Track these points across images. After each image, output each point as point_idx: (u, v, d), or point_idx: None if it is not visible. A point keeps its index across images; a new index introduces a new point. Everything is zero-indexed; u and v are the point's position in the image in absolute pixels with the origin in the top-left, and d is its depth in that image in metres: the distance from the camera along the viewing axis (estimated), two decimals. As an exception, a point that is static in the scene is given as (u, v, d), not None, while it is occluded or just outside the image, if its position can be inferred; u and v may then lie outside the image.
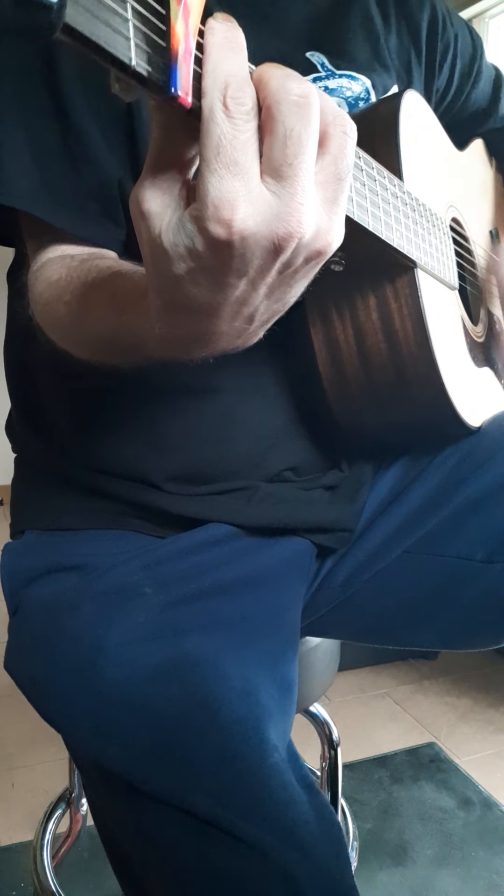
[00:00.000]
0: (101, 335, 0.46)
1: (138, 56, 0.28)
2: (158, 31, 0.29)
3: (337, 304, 0.60)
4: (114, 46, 0.27)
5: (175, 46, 0.29)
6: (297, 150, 0.31)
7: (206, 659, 0.50)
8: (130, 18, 0.28)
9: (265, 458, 0.64)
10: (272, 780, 0.45)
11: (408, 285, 0.58)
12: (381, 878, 1.18)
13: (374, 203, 0.48)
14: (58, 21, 0.24)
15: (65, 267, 0.51)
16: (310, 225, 0.33)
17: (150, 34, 0.29)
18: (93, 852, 1.15)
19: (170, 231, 0.32)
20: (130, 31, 0.28)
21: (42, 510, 0.66)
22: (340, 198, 0.35)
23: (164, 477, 0.62)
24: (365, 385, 0.62)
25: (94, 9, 0.26)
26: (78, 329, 0.49)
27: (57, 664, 0.52)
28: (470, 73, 0.82)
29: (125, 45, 0.28)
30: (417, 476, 0.69)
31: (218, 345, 0.39)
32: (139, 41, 0.28)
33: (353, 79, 0.68)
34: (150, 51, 0.29)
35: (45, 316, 0.52)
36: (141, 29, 0.28)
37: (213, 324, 0.36)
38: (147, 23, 0.29)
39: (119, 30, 0.27)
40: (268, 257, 0.33)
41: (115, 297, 0.44)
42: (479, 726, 1.60)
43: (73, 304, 0.48)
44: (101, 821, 0.51)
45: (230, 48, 0.31)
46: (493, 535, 0.65)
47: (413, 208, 0.56)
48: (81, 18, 0.26)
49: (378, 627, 0.72)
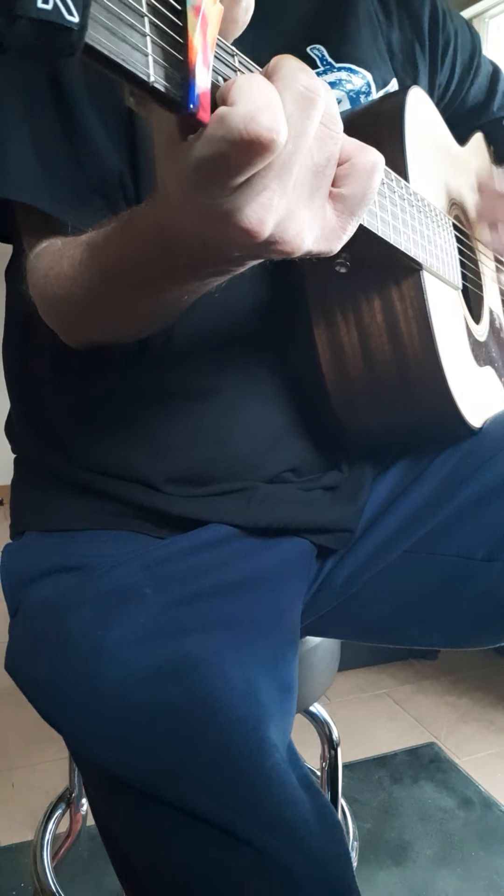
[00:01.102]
0: (103, 264, 0.46)
1: (156, 72, 0.28)
2: (176, 44, 0.28)
3: (341, 305, 0.60)
4: (132, 63, 0.27)
5: (192, 59, 0.28)
6: (291, 143, 0.32)
7: (206, 659, 0.50)
8: (148, 33, 0.27)
9: (265, 459, 0.64)
10: (273, 780, 0.45)
11: (413, 287, 0.58)
12: (381, 878, 1.18)
13: (382, 206, 0.48)
14: (79, 42, 0.24)
15: (64, 241, 0.52)
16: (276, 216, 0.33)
17: (168, 48, 0.28)
18: (93, 852, 1.15)
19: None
20: (148, 47, 0.27)
21: (42, 511, 0.66)
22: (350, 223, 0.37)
23: (164, 478, 0.62)
24: (369, 386, 0.62)
25: (113, 25, 0.25)
26: (81, 272, 0.48)
27: (57, 665, 0.52)
28: (470, 67, 0.82)
29: (143, 62, 0.27)
30: (418, 476, 0.69)
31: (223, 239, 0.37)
32: (157, 56, 0.28)
33: (353, 72, 0.68)
34: (167, 66, 0.28)
35: (45, 286, 0.52)
36: (158, 43, 0.28)
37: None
38: (164, 36, 0.28)
39: (137, 45, 0.27)
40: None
41: (122, 222, 0.45)
42: (479, 726, 1.60)
43: (76, 253, 0.48)
44: (101, 820, 0.51)
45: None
46: (493, 534, 0.65)
47: (419, 209, 0.56)
48: (101, 37, 0.25)
49: (379, 627, 0.72)
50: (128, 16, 0.26)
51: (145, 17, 0.27)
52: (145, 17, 0.27)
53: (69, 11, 0.23)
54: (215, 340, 0.62)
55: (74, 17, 0.23)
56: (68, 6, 0.23)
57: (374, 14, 0.72)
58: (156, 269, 0.42)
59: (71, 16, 0.23)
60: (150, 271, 0.43)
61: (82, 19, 0.23)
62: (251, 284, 0.60)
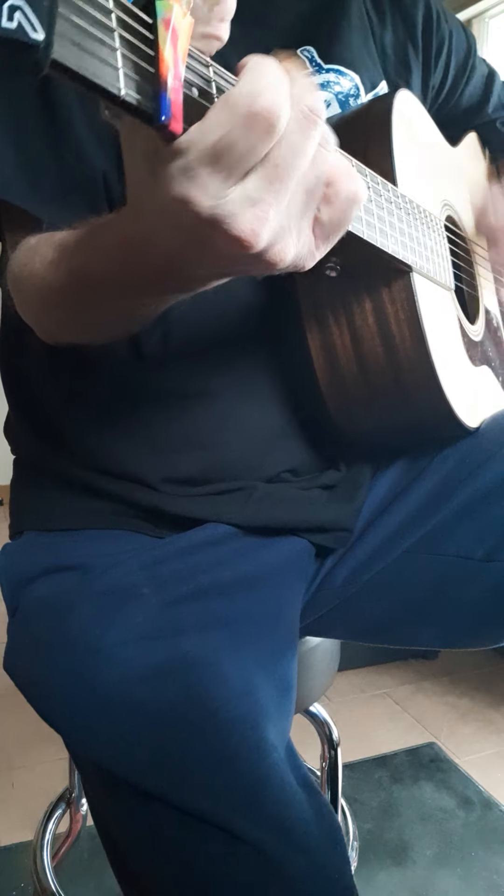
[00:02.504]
0: (71, 269, 0.46)
1: (127, 86, 0.28)
2: (147, 57, 0.28)
3: (333, 309, 0.61)
4: (102, 78, 0.26)
5: (164, 73, 0.28)
6: (290, 157, 0.32)
7: (204, 659, 0.50)
8: (118, 47, 0.27)
9: (262, 460, 0.64)
10: (271, 780, 0.45)
11: (403, 290, 0.58)
12: (381, 878, 1.18)
13: (368, 211, 0.48)
14: (45, 60, 0.24)
15: (39, 238, 0.52)
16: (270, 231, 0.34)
17: (139, 61, 0.28)
18: (93, 852, 1.15)
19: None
20: (119, 61, 0.27)
21: (41, 510, 0.66)
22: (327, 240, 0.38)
23: (161, 479, 0.62)
24: (362, 389, 0.62)
25: (81, 41, 0.25)
26: (51, 272, 0.48)
27: (56, 664, 0.52)
28: (464, 69, 0.82)
29: (113, 76, 0.27)
30: (417, 476, 0.69)
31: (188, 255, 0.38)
32: (128, 70, 0.28)
33: (341, 74, 0.68)
34: (138, 79, 0.28)
35: (20, 279, 0.52)
36: (129, 57, 0.28)
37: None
38: (135, 50, 0.28)
39: (107, 60, 0.27)
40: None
41: (91, 229, 0.45)
42: (479, 726, 1.60)
43: (48, 252, 0.48)
44: (100, 820, 0.51)
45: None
46: (492, 533, 0.65)
47: (407, 212, 0.56)
48: (68, 53, 0.25)
49: (378, 627, 0.72)
50: (97, 31, 0.26)
51: (115, 32, 0.27)
52: (115, 32, 0.27)
53: (34, 29, 0.23)
54: (211, 342, 0.62)
55: (39, 34, 0.23)
56: (32, 24, 0.23)
57: (366, 15, 0.72)
58: (119, 281, 0.42)
59: (35, 33, 0.23)
60: (113, 282, 0.43)
61: (48, 37, 0.23)
62: (246, 287, 0.60)
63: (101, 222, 0.43)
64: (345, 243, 0.40)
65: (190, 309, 0.49)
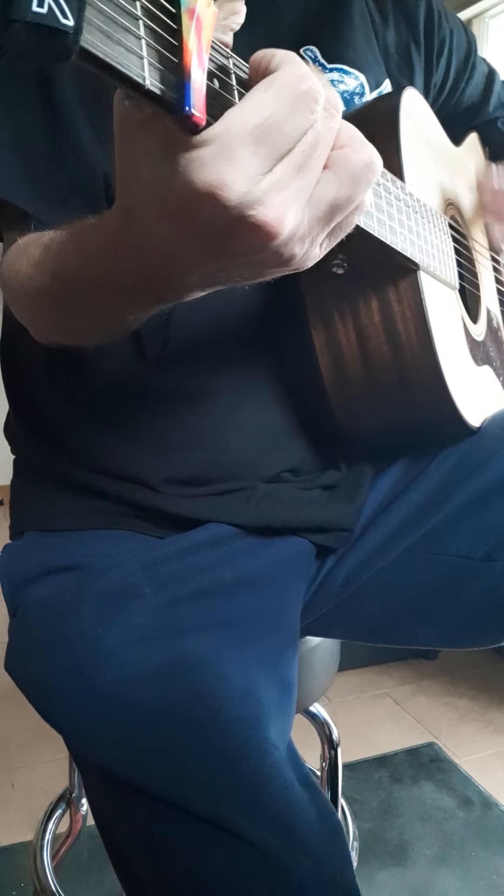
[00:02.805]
0: (55, 274, 0.46)
1: (151, 75, 0.28)
2: (171, 46, 0.28)
3: (339, 306, 0.60)
4: (127, 67, 0.27)
5: (188, 62, 0.28)
6: (292, 134, 0.32)
7: (205, 659, 0.50)
8: (143, 36, 0.27)
9: (263, 460, 0.64)
10: (273, 780, 0.45)
11: (410, 288, 0.58)
12: (381, 877, 1.18)
13: (378, 207, 0.48)
14: (74, 45, 0.24)
15: (30, 237, 0.51)
16: (237, 183, 0.32)
17: (163, 51, 0.28)
18: (93, 852, 1.15)
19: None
20: (143, 50, 0.27)
21: (41, 511, 0.66)
22: (335, 225, 0.37)
23: (162, 479, 0.62)
24: (367, 387, 0.62)
25: (108, 28, 0.25)
26: (37, 274, 0.48)
27: (57, 665, 0.52)
28: (465, 68, 0.82)
29: (138, 65, 0.27)
30: (417, 475, 0.69)
31: (167, 270, 0.38)
32: (152, 59, 0.28)
33: (345, 73, 0.68)
34: (162, 68, 0.28)
35: (9, 274, 0.51)
36: (154, 46, 0.28)
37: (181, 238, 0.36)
38: (159, 39, 0.28)
39: (132, 48, 0.27)
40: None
41: (74, 228, 0.44)
42: (479, 726, 1.60)
43: (35, 253, 0.48)
44: (101, 820, 0.51)
45: None
46: (493, 533, 0.65)
47: (415, 210, 0.56)
48: (96, 40, 0.25)
49: (378, 627, 0.72)
50: (123, 19, 0.26)
51: (140, 21, 0.27)
52: (140, 21, 0.27)
53: (64, 15, 0.23)
54: (213, 342, 0.62)
55: (70, 20, 0.23)
56: (63, 10, 0.23)
57: (368, 15, 0.72)
58: (101, 287, 0.42)
59: (66, 19, 0.23)
60: (95, 288, 0.42)
61: (77, 22, 0.23)
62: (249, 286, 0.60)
63: (86, 225, 0.42)
64: (353, 240, 0.40)
65: (191, 308, 0.49)
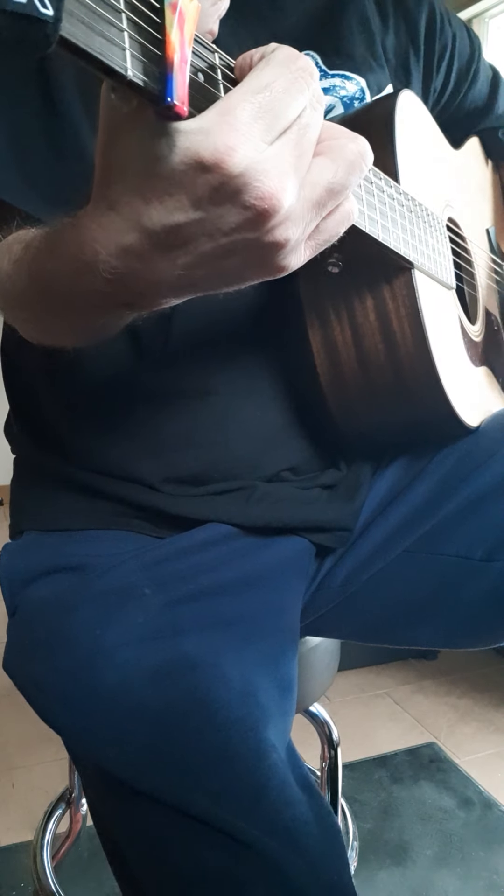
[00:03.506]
0: (31, 274, 0.44)
1: (134, 66, 0.28)
2: (154, 39, 0.29)
3: (335, 305, 0.61)
4: (110, 57, 0.27)
5: (170, 55, 0.29)
6: (288, 101, 0.33)
7: (204, 659, 0.50)
8: (126, 28, 0.28)
9: (263, 459, 0.64)
10: (271, 781, 0.45)
11: (405, 286, 0.58)
12: (381, 878, 1.18)
13: (370, 205, 0.48)
14: (54, 34, 0.24)
15: (14, 235, 0.49)
16: (243, 156, 0.32)
17: (146, 43, 0.29)
18: (93, 852, 1.15)
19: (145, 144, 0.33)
20: (126, 42, 0.28)
21: (41, 510, 0.66)
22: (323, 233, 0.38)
23: (161, 479, 0.62)
24: (363, 386, 0.62)
25: (89, 20, 0.26)
26: (15, 272, 0.47)
27: (56, 665, 0.52)
28: (467, 72, 0.82)
29: (121, 56, 0.28)
30: (417, 475, 0.69)
31: (137, 279, 0.37)
32: (135, 51, 0.28)
33: (347, 78, 0.68)
34: (145, 60, 0.29)
35: None
36: (136, 38, 0.28)
37: (150, 245, 0.35)
38: (142, 32, 0.28)
39: (114, 40, 0.27)
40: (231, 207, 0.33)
41: (50, 231, 0.43)
42: (479, 726, 1.60)
43: (17, 250, 0.46)
44: (100, 821, 0.51)
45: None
46: (492, 533, 0.65)
47: (410, 209, 0.56)
48: (77, 31, 0.25)
49: (378, 626, 0.72)
50: (105, 11, 0.27)
51: (123, 14, 0.27)
52: (123, 14, 0.27)
53: (43, 5, 0.23)
54: (212, 341, 0.62)
55: (49, 10, 0.23)
56: (43, 0, 0.23)
57: (369, 19, 0.72)
58: (72, 288, 0.40)
59: (45, 9, 0.23)
60: (67, 289, 0.41)
61: (57, 12, 0.24)
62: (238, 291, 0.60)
63: (62, 224, 0.41)
64: (347, 239, 0.40)
65: (190, 307, 0.49)
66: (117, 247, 0.35)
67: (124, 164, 0.34)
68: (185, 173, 0.32)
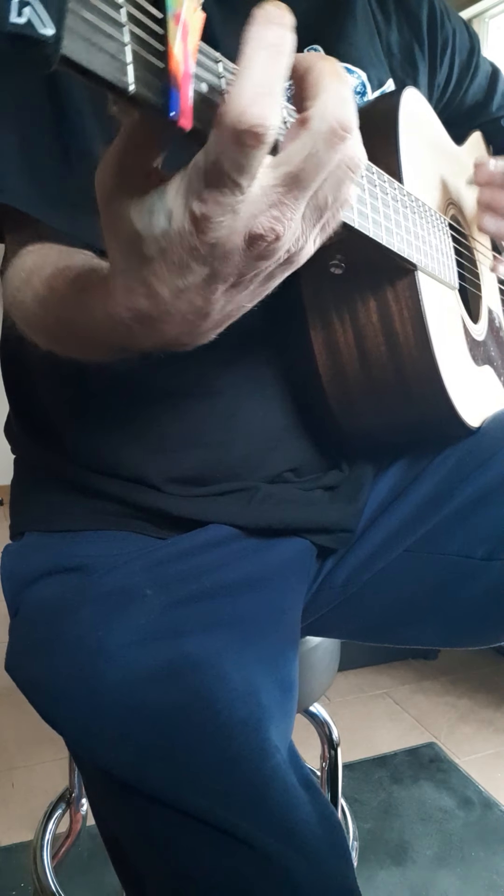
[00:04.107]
0: (59, 317, 0.45)
1: (136, 80, 0.27)
2: (156, 52, 0.28)
3: (337, 306, 0.60)
4: (112, 74, 0.26)
5: (174, 69, 0.28)
6: (312, 170, 0.32)
7: (206, 660, 0.50)
8: (128, 42, 0.27)
9: (265, 459, 0.64)
10: (274, 782, 0.45)
11: (408, 288, 0.58)
12: (381, 878, 1.18)
13: (374, 208, 0.48)
14: (55, 55, 0.24)
15: (40, 255, 0.50)
16: (288, 235, 0.33)
17: (148, 57, 0.28)
18: (93, 852, 1.15)
19: (145, 210, 0.33)
20: (128, 56, 0.27)
21: (42, 511, 0.66)
22: (322, 223, 0.36)
23: (164, 479, 0.62)
24: (365, 387, 0.62)
25: (91, 37, 0.25)
26: (41, 312, 0.48)
27: (57, 666, 0.52)
28: (468, 67, 0.82)
29: (122, 71, 0.27)
30: (418, 475, 0.69)
31: (167, 333, 0.38)
32: (137, 65, 0.27)
33: (348, 71, 0.68)
34: (147, 74, 0.28)
35: (14, 303, 0.51)
36: (139, 52, 0.27)
37: (166, 309, 0.36)
38: (145, 45, 0.28)
39: (116, 56, 0.26)
40: (236, 251, 0.33)
41: (78, 277, 0.44)
42: (479, 726, 1.60)
43: (40, 289, 0.47)
44: (102, 821, 0.51)
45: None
46: (493, 533, 0.65)
47: (413, 210, 0.56)
48: (78, 48, 0.25)
49: (379, 626, 0.72)
50: (106, 26, 0.26)
51: (125, 27, 0.27)
52: (125, 27, 0.27)
53: (43, 24, 0.23)
54: (215, 342, 0.62)
55: (49, 29, 0.23)
56: (42, 19, 0.22)
57: (371, 14, 0.72)
58: (105, 340, 0.42)
59: (45, 28, 0.23)
60: (100, 339, 0.42)
61: (58, 32, 0.23)
62: None
63: (90, 284, 0.41)
64: (350, 240, 0.40)
65: None
66: (155, 319, 0.36)
67: (142, 245, 0.34)
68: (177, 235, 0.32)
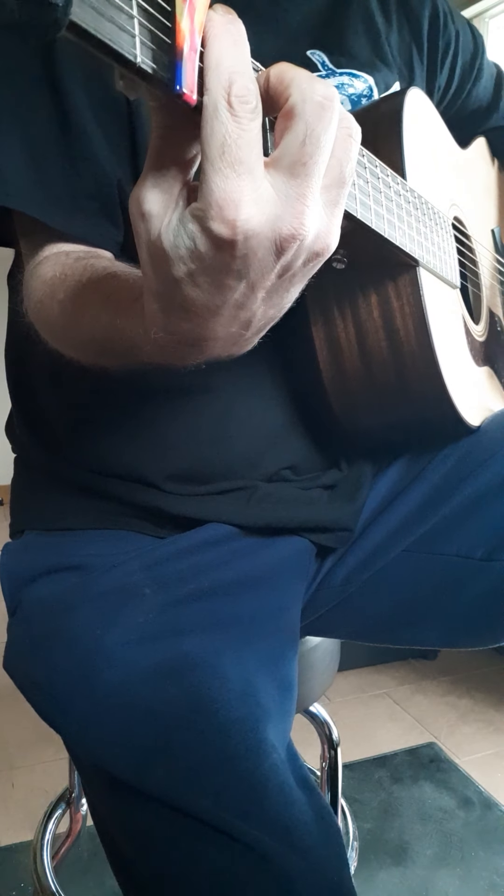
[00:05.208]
0: (94, 337, 0.45)
1: (143, 53, 0.28)
2: (164, 27, 0.29)
3: (339, 302, 0.60)
4: (119, 44, 0.27)
5: (180, 43, 0.29)
6: (314, 151, 0.31)
7: (205, 659, 0.50)
8: (136, 15, 0.28)
9: (264, 457, 0.64)
10: (271, 781, 0.45)
11: (410, 284, 0.58)
12: (381, 878, 1.18)
13: (377, 201, 0.48)
14: (63, 18, 0.24)
15: (59, 264, 0.51)
16: (312, 226, 0.33)
17: (156, 31, 0.29)
18: (93, 852, 1.15)
19: (170, 232, 0.32)
20: (136, 28, 0.28)
21: (41, 510, 0.66)
22: (341, 201, 0.35)
23: (164, 477, 0.62)
24: (366, 383, 0.62)
25: (99, 6, 0.26)
26: (70, 329, 0.48)
27: (56, 665, 0.52)
28: (471, 70, 0.82)
29: (130, 43, 0.28)
30: (417, 475, 0.69)
31: (213, 350, 0.38)
32: (144, 38, 0.28)
33: (354, 76, 0.68)
34: (154, 48, 0.29)
35: (39, 314, 0.51)
36: (146, 26, 0.28)
37: (209, 328, 0.36)
38: (152, 19, 0.28)
39: (124, 27, 0.27)
40: (269, 258, 0.33)
41: (108, 298, 0.44)
42: (479, 726, 1.60)
43: (67, 304, 0.47)
44: (100, 821, 0.51)
45: (232, 42, 0.30)
46: (492, 533, 0.64)
47: (416, 206, 0.56)
48: (87, 16, 0.26)
49: (378, 626, 0.72)
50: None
51: (133, 0, 0.27)
52: (133, 0, 0.27)
53: None
54: None
55: None
56: None
57: (373, 17, 0.72)
58: (142, 358, 0.41)
59: None
60: (136, 357, 0.42)
61: None
62: None
63: (123, 308, 0.41)
64: (353, 235, 0.40)
65: None
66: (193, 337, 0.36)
67: (175, 266, 0.33)
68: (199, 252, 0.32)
